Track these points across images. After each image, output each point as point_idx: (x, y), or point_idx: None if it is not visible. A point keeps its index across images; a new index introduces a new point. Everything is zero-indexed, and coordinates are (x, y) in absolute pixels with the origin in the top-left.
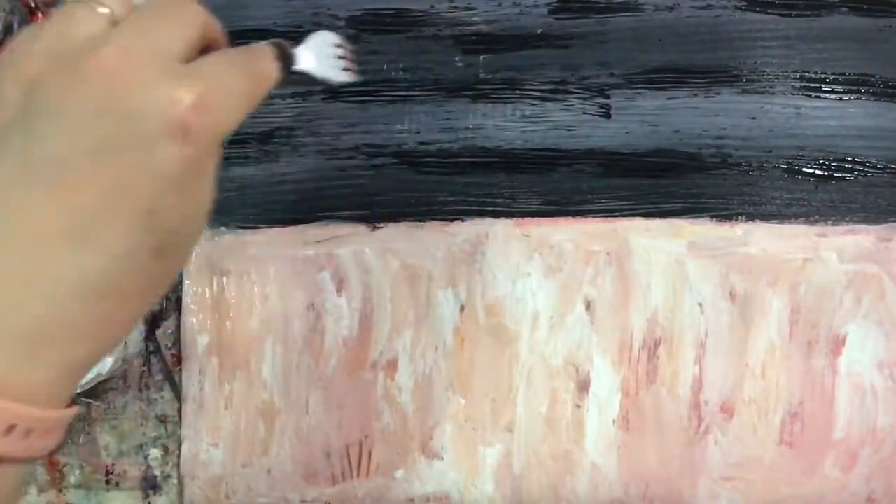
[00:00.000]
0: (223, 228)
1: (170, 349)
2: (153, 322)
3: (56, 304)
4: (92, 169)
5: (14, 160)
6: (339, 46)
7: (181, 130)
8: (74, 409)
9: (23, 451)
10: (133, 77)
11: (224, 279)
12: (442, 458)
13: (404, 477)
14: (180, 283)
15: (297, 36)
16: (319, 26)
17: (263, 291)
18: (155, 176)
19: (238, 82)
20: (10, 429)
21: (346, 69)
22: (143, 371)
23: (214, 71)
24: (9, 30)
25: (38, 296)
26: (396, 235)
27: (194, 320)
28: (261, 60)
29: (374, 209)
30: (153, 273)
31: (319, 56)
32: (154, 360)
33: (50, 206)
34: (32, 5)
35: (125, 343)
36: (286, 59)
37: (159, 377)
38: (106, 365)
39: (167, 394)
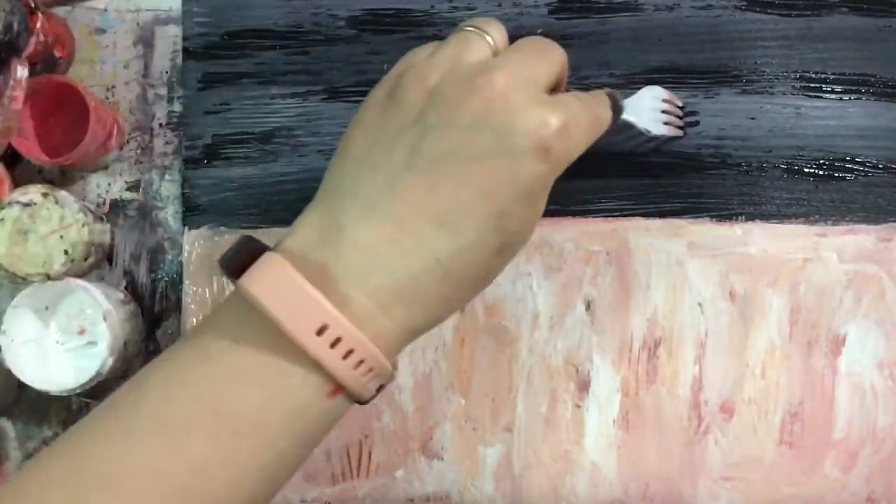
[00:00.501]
0: (223, 228)
1: None
2: (153, 322)
3: (411, 272)
4: (466, 168)
5: (406, 150)
6: (665, 101)
7: (545, 150)
8: (395, 371)
9: (358, 386)
10: (514, 98)
11: (224, 279)
12: (442, 458)
13: (404, 477)
14: (180, 282)
15: (297, 35)
16: (319, 27)
17: None
18: (514, 184)
19: (587, 120)
20: (359, 363)
21: (667, 123)
22: None
23: (573, 106)
24: (9, 29)
25: (399, 263)
26: None
27: (194, 320)
28: (602, 106)
29: None
30: (489, 266)
31: (644, 109)
32: None
33: (425, 191)
34: (32, 5)
35: (125, 343)
36: (616, 109)
37: None
38: (106, 365)
39: None
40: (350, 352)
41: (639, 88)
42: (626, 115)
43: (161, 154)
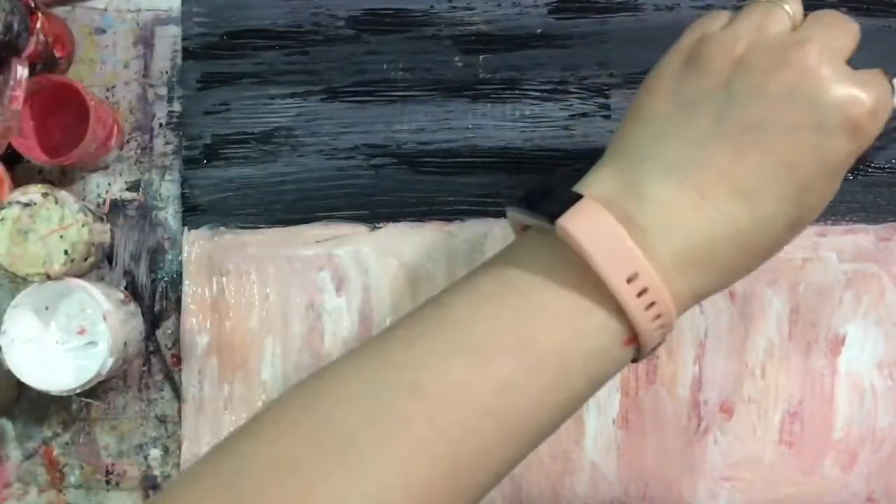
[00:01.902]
0: (223, 228)
1: (170, 349)
2: (153, 322)
3: (709, 238)
4: (772, 140)
5: (711, 118)
6: None
7: (854, 127)
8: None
9: (650, 339)
10: (825, 72)
11: (224, 279)
12: None
13: None
14: (180, 282)
15: (296, 35)
16: (319, 27)
17: (263, 291)
18: (820, 159)
19: (888, 99)
20: (657, 317)
21: None
22: (143, 371)
23: (878, 86)
24: (9, 29)
25: (699, 227)
26: (396, 235)
27: (194, 320)
28: (888, 85)
29: (373, 209)
30: (781, 240)
31: None
32: (154, 360)
33: (729, 160)
34: (32, 5)
35: (125, 343)
36: (892, 89)
37: (159, 377)
38: (106, 365)
39: (167, 394)
40: (652, 304)
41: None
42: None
43: (161, 154)
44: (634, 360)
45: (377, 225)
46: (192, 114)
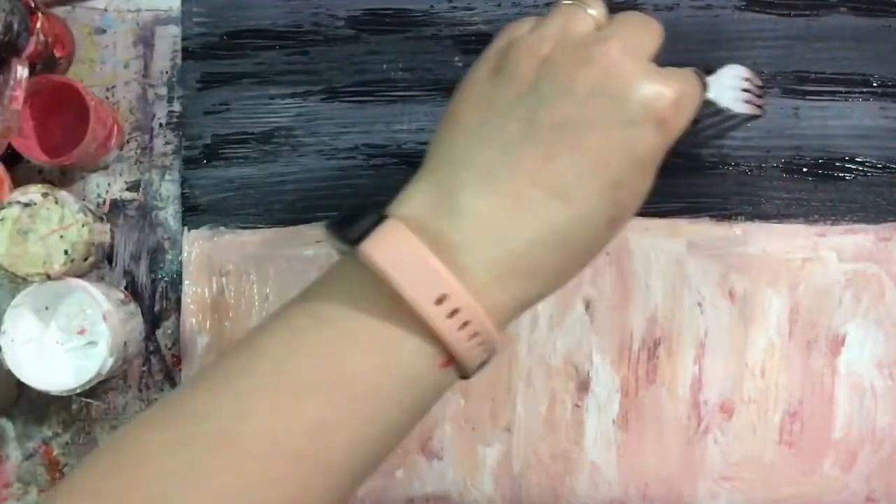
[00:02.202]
0: (223, 228)
1: (170, 349)
2: (153, 322)
3: (526, 243)
4: (582, 137)
5: (521, 121)
6: (746, 80)
7: (659, 121)
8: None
9: (469, 358)
10: (629, 68)
11: (224, 279)
12: (441, 458)
13: (404, 477)
14: (180, 282)
15: (296, 35)
16: (319, 27)
17: (263, 291)
18: (630, 154)
19: (694, 95)
20: (473, 336)
21: (748, 102)
22: (143, 371)
23: (682, 80)
24: (9, 29)
25: (515, 234)
26: None
27: (194, 321)
28: (695, 83)
29: None
30: (601, 239)
31: (725, 87)
32: (154, 360)
33: (541, 162)
34: (32, 5)
35: (125, 343)
36: (703, 87)
37: (159, 377)
38: (106, 365)
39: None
40: (466, 323)
41: None
42: (709, 94)
43: (161, 154)
44: (464, 377)
45: None
46: (192, 114)
